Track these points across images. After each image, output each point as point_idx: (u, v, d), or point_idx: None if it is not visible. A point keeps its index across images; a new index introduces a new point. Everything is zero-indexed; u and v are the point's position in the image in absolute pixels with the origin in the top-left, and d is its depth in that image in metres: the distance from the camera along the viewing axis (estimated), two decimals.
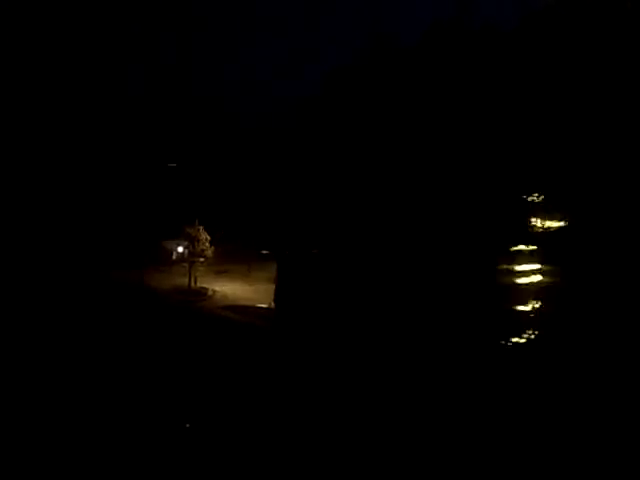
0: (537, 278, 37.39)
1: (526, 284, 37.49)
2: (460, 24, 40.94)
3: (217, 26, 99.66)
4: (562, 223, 36.99)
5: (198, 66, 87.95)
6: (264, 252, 63.82)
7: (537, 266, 37.49)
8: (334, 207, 42.61)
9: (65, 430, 33.05)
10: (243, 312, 53.88)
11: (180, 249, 63.35)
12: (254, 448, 32.51)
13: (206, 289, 60.76)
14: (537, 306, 37.01)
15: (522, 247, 37.73)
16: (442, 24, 41.62)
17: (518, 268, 37.62)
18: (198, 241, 61.94)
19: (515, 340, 36.36)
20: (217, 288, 61.15)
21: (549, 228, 37.22)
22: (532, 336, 36.45)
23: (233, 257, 67.63)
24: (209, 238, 62.52)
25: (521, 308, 37.01)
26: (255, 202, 70.43)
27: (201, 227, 62.69)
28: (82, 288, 56.04)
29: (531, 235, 37.51)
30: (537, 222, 37.26)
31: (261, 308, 53.79)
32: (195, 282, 61.13)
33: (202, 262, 61.82)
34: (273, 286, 50.60)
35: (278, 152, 59.33)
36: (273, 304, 50.17)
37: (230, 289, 61.01)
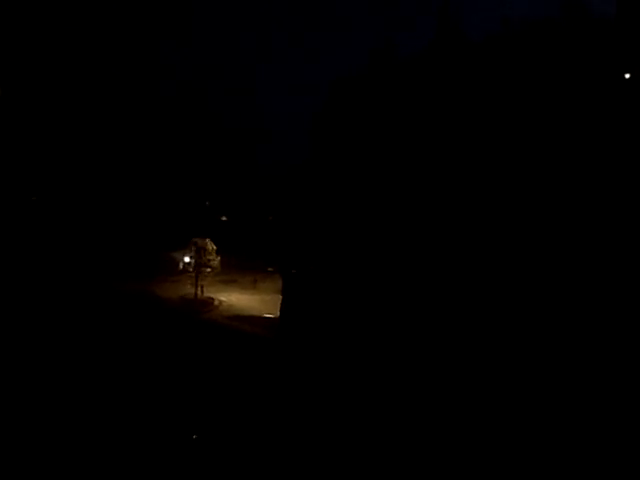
0: None
1: None
2: (460, 36, 41.10)
3: (217, 26, 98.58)
4: None
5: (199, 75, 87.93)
6: (270, 269, 64.27)
7: None
8: (337, 224, 42.95)
9: (70, 440, 33.35)
10: (249, 322, 54.31)
11: (187, 259, 63.77)
12: (260, 459, 32.79)
13: (213, 299, 61.19)
14: None
15: None
16: (443, 36, 41.76)
17: None
18: (205, 251, 62.25)
19: None
20: (223, 298, 61.58)
21: None
22: None
23: (239, 268, 68.08)
24: (216, 248, 62.88)
25: None
26: (261, 216, 70.87)
27: (208, 238, 63.08)
28: (90, 297, 56.57)
29: None
30: None
31: (267, 318, 54.20)
32: (202, 292, 61.55)
33: (209, 272, 62.13)
34: (279, 296, 51.04)
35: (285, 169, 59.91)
36: (278, 314, 50.58)
37: (236, 299, 61.42)
